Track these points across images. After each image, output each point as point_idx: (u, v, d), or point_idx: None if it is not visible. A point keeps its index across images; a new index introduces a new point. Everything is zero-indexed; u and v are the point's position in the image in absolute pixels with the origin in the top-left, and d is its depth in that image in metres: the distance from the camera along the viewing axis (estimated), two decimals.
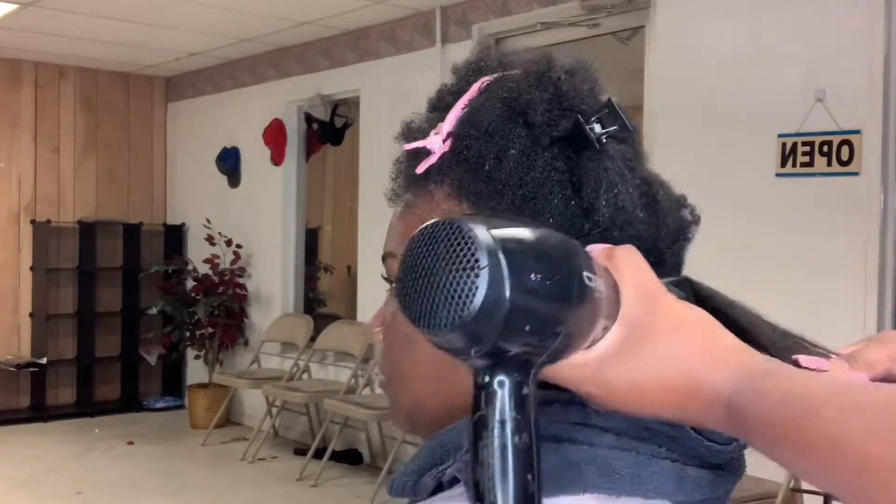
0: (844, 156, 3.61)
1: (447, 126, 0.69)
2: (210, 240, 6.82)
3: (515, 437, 0.50)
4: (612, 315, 0.56)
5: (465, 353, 0.50)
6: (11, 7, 5.56)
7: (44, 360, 7.09)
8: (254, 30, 6.13)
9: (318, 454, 5.61)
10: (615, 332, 0.56)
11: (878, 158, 3.55)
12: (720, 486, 0.65)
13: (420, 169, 0.70)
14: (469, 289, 0.47)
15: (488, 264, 0.47)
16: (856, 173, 3.58)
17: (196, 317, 6.79)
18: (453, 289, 0.48)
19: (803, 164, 3.73)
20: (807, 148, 3.72)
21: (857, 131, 3.58)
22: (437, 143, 0.69)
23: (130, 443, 6.43)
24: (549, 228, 0.53)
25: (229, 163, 7.16)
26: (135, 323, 7.51)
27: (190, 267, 7.16)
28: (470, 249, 0.48)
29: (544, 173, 0.66)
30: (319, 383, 6.16)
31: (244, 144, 7.06)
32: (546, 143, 0.66)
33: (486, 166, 0.67)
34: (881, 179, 3.55)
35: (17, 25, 6.04)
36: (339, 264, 7.75)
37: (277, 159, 6.73)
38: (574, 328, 0.52)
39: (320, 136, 6.63)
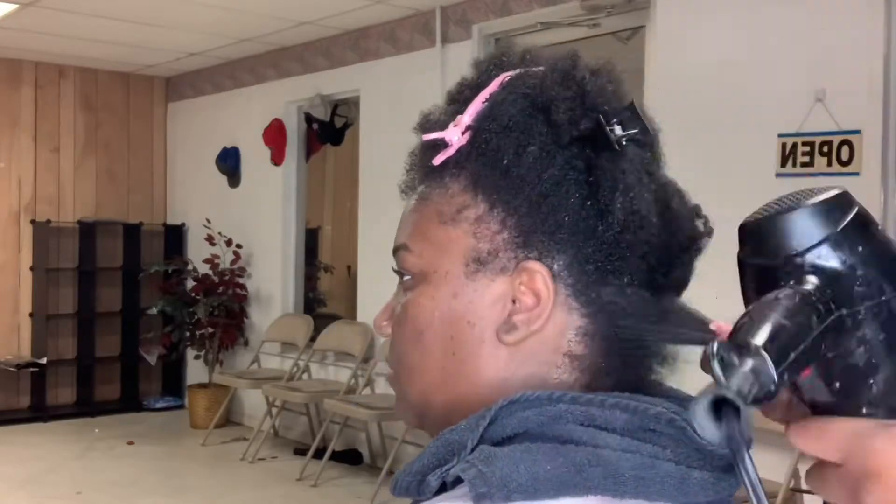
0: (844, 156, 3.61)
1: (466, 119, 0.69)
2: (210, 240, 6.82)
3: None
4: None
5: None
6: (11, 7, 5.56)
7: (44, 360, 7.09)
8: (254, 30, 6.13)
9: (318, 454, 5.61)
10: None
11: (878, 158, 3.55)
12: (723, 489, 0.64)
13: (437, 160, 0.70)
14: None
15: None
16: (856, 173, 3.58)
17: (196, 317, 6.79)
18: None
19: (803, 164, 3.73)
20: (807, 148, 3.72)
21: (857, 131, 3.58)
22: (455, 136, 0.69)
23: (130, 443, 6.43)
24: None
25: (229, 163, 7.16)
26: (135, 323, 7.51)
27: (190, 267, 7.16)
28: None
29: (562, 171, 0.66)
30: (319, 383, 6.16)
31: (244, 144, 7.06)
32: (566, 141, 0.66)
33: (505, 161, 0.67)
34: (881, 179, 3.55)
35: (17, 25, 6.04)
36: (339, 264, 7.75)
37: (277, 159, 6.73)
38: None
39: (320, 136, 6.63)
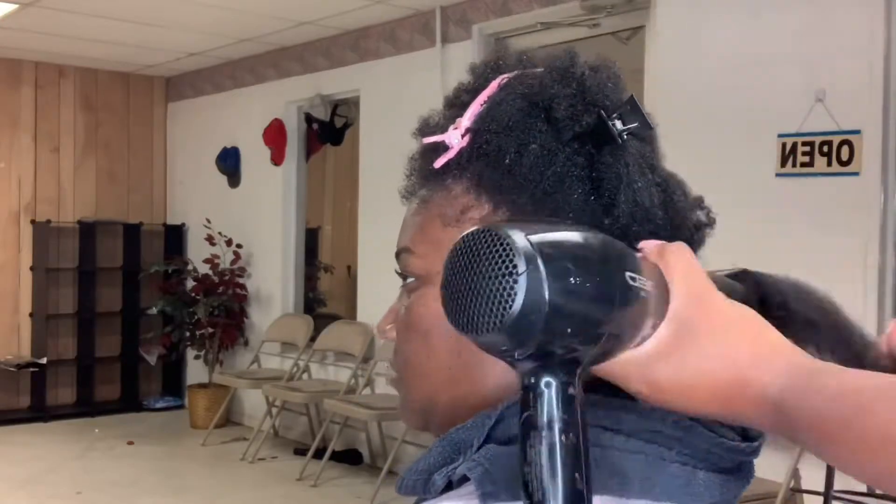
0: (844, 156, 3.61)
1: (466, 121, 0.69)
2: (210, 240, 6.82)
3: (563, 437, 0.51)
4: (662, 313, 0.56)
5: (510, 355, 0.51)
6: (11, 7, 5.56)
7: (44, 360, 7.09)
8: (254, 30, 6.13)
9: (318, 454, 5.61)
10: (663, 330, 0.56)
11: (878, 158, 3.55)
12: (729, 491, 0.64)
13: (438, 163, 0.70)
14: (508, 293, 0.48)
15: (526, 269, 0.48)
16: (856, 173, 3.58)
17: (196, 317, 6.79)
18: (494, 294, 0.49)
19: (803, 164, 3.73)
20: (807, 148, 3.72)
21: (857, 131, 3.58)
22: (455, 138, 0.69)
23: (130, 443, 6.43)
24: (591, 231, 0.54)
25: (229, 163, 7.16)
26: (135, 323, 7.51)
27: (190, 267, 7.16)
28: (508, 255, 0.49)
29: (565, 168, 0.66)
30: (319, 383, 6.16)
31: (244, 144, 7.06)
32: (568, 137, 0.66)
33: (507, 160, 0.67)
34: (881, 179, 3.55)
35: (17, 25, 6.04)
36: (339, 264, 7.75)
37: (277, 159, 6.73)
38: (618, 329, 0.53)
39: (320, 136, 6.63)
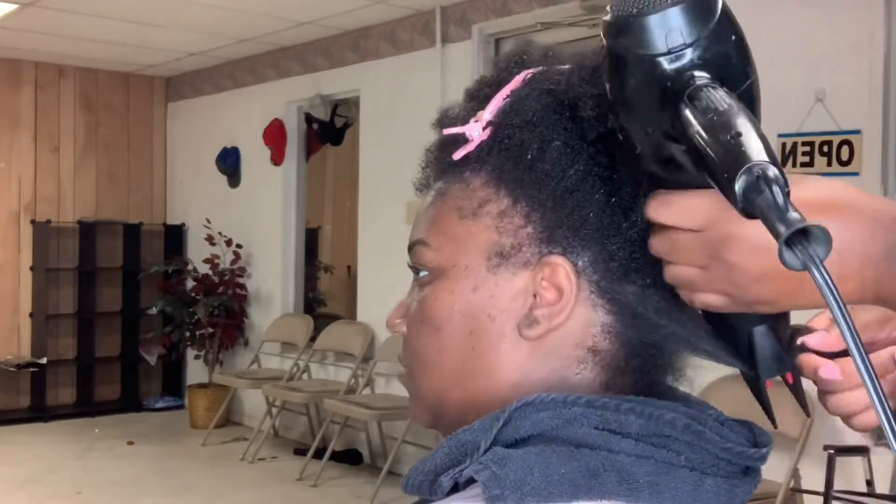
0: (844, 156, 3.62)
1: (487, 115, 0.69)
2: (210, 240, 6.82)
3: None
4: None
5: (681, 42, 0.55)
6: (11, 7, 5.56)
7: (44, 360, 7.08)
8: (254, 30, 6.13)
9: (318, 454, 5.61)
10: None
11: (878, 158, 3.55)
12: (738, 495, 0.64)
13: (457, 155, 0.69)
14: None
15: None
16: (856, 173, 3.58)
17: (196, 317, 6.79)
18: None
19: (803, 164, 3.73)
20: (807, 148, 3.72)
21: (857, 131, 3.58)
22: (476, 131, 0.69)
23: (130, 443, 6.43)
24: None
25: (229, 163, 7.16)
26: (135, 323, 7.51)
27: (190, 267, 7.16)
28: None
29: (587, 167, 0.66)
30: (319, 383, 6.16)
31: (244, 144, 7.06)
32: (592, 137, 0.66)
33: (529, 155, 0.67)
34: (881, 179, 3.56)
35: (17, 25, 6.04)
36: (339, 264, 7.75)
37: (277, 159, 6.73)
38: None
39: (320, 136, 6.63)
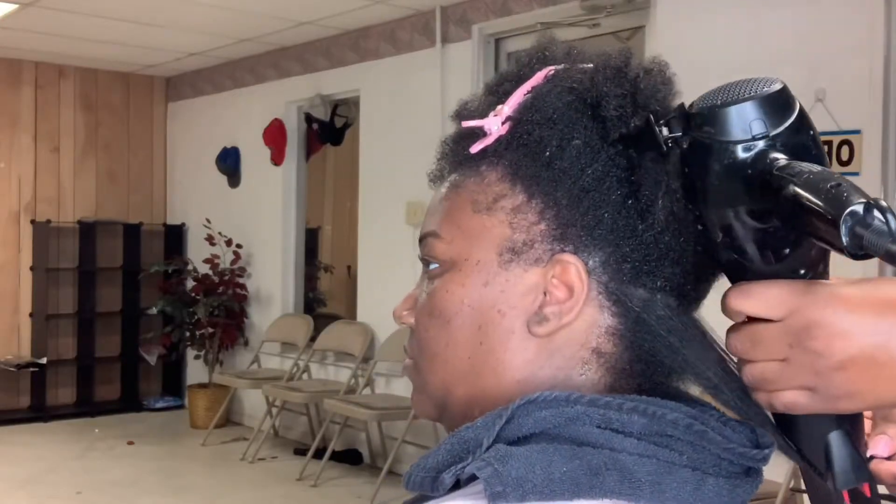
0: (844, 156, 3.61)
1: (507, 109, 0.69)
2: (210, 240, 6.82)
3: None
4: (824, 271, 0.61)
5: (759, 130, 0.58)
6: (11, 7, 5.56)
7: (44, 360, 7.08)
8: (254, 30, 6.13)
9: (318, 454, 5.61)
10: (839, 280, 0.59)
11: (878, 158, 3.55)
12: (739, 495, 0.64)
13: (475, 148, 0.69)
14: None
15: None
16: (856, 173, 3.58)
17: (196, 317, 6.79)
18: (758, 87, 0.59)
19: None
20: None
21: (857, 131, 3.58)
22: (495, 125, 0.69)
23: (130, 443, 6.43)
24: None
25: (229, 163, 7.16)
26: (135, 323, 7.51)
27: (190, 267, 7.16)
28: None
29: (606, 167, 0.66)
30: (319, 383, 6.16)
31: (244, 144, 7.06)
32: (614, 137, 0.66)
33: (547, 152, 0.67)
34: (881, 179, 3.56)
35: (17, 25, 6.04)
36: (339, 264, 7.75)
37: (277, 159, 6.73)
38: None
39: (320, 136, 6.63)
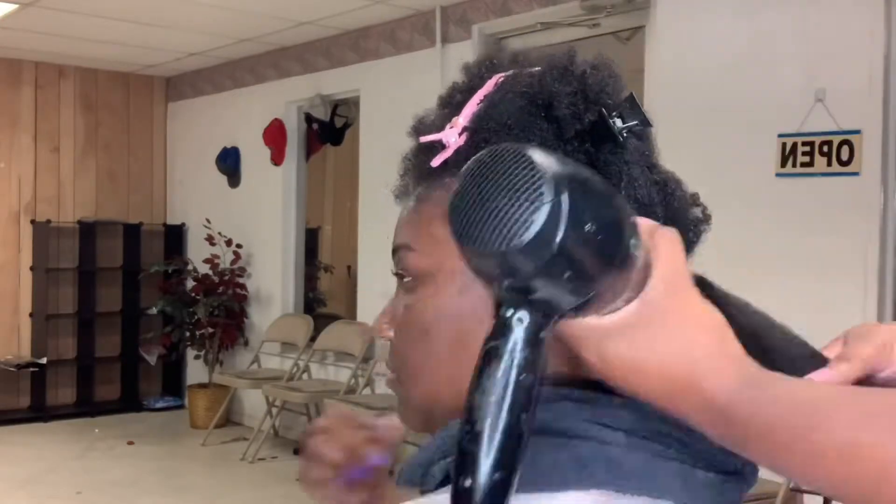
0: (844, 156, 3.61)
1: (462, 120, 0.69)
2: (210, 240, 6.82)
3: (522, 375, 0.50)
4: (636, 290, 0.55)
5: (496, 280, 0.50)
6: (11, 7, 5.56)
7: (44, 360, 7.09)
8: (254, 30, 6.13)
9: None
10: (633, 306, 0.55)
11: (878, 158, 3.55)
12: (728, 492, 0.64)
13: (435, 162, 0.69)
14: (525, 220, 0.47)
15: (551, 201, 0.47)
16: (856, 173, 3.58)
17: (196, 317, 6.79)
18: (509, 215, 0.47)
19: (803, 164, 3.73)
20: (807, 148, 3.72)
21: (857, 131, 3.58)
22: (452, 137, 0.69)
23: (130, 443, 6.43)
24: (610, 185, 0.53)
25: (229, 163, 7.16)
26: (135, 323, 7.51)
27: (190, 267, 7.16)
28: (537, 181, 0.47)
29: None
30: (319, 383, 6.16)
31: (244, 144, 7.06)
32: (569, 135, 0.66)
33: None
34: (881, 179, 3.55)
35: (17, 25, 6.04)
36: (339, 264, 7.75)
37: (277, 159, 6.73)
38: (605, 289, 0.52)
39: (320, 136, 6.63)
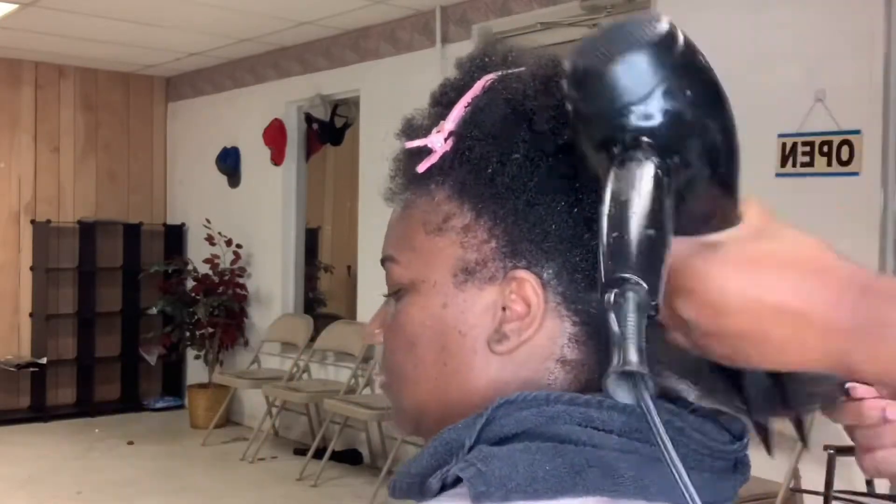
0: (844, 156, 3.61)
1: (449, 125, 0.68)
2: (210, 240, 6.82)
3: (652, 203, 0.53)
4: (729, 221, 0.59)
5: (630, 106, 0.54)
6: (11, 7, 5.56)
7: (44, 360, 7.08)
8: (254, 30, 6.13)
9: (318, 454, 5.61)
10: (736, 229, 0.59)
11: (878, 158, 3.55)
12: (723, 489, 0.64)
13: (421, 168, 0.69)
14: (670, 33, 0.54)
15: (684, 43, 0.55)
16: (856, 173, 3.58)
17: (196, 317, 6.79)
18: (643, 29, 0.54)
19: (803, 164, 3.73)
20: (807, 148, 3.72)
21: (857, 131, 3.58)
22: (438, 142, 0.68)
23: (130, 443, 6.43)
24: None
25: (229, 163, 7.16)
26: (135, 323, 7.51)
27: (190, 267, 7.16)
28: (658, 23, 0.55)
29: (548, 179, 0.65)
30: (319, 383, 6.16)
31: (244, 144, 7.06)
32: (551, 150, 0.65)
33: (489, 169, 0.66)
34: (881, 179, 3.55)
35: (17, 25, 6.04)
36: (339, 264, 7.75)
37: (277, 159, 6.73)
38: (712, 203, 0.57)
39: (320, 136, 6.63)
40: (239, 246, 6.81)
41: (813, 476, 3.53)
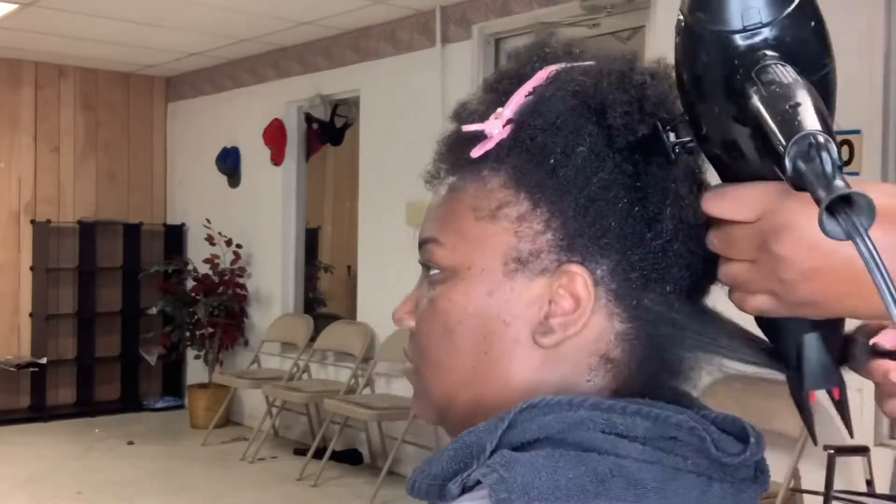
0: (844, 156, 3.61)
1: (508, 112, 0.67)
2: (210, 240, 6.82)
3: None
4: None
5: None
6: (11, 7, 5.56)
7: (44, 360, 7.08)
8: (254, 30, 6.13)
9: (318, 454, 5.61)
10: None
11: (878, 158, 3.55)
12: (744, 501, 0.64)
13: (476, 153, 0.67)
14: None
15: None
16: (856, 173, 3.58)
17: (196, 317, 6.79)
18: None
19: None
20: None
21: (857, 131, 3.58)
22: (496, 128, 0.67)
23: (130, 443, 6.43)
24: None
25: (229, 163, 7.16)
26: (135, 323, 7.51)
27: (190, 267, 7.16)
28: None
29: (612, 175, 0.64)
30: (319, 383, 6.16)
31: (244, 144, 7.06)
32: (621, 145, 0.64)
33: (552, 160, 0.65)
34: (881, 179, 3.55)
35: (17, 25, 6.04)
36: (339, 264, 7.75)
37: (277, 159, 6.73)
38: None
39: (320, 136, 6.63)
40: (239, 246, 6.81)
41: (813, 476, 3.53)
